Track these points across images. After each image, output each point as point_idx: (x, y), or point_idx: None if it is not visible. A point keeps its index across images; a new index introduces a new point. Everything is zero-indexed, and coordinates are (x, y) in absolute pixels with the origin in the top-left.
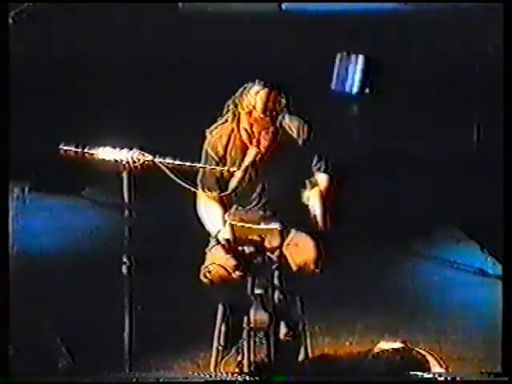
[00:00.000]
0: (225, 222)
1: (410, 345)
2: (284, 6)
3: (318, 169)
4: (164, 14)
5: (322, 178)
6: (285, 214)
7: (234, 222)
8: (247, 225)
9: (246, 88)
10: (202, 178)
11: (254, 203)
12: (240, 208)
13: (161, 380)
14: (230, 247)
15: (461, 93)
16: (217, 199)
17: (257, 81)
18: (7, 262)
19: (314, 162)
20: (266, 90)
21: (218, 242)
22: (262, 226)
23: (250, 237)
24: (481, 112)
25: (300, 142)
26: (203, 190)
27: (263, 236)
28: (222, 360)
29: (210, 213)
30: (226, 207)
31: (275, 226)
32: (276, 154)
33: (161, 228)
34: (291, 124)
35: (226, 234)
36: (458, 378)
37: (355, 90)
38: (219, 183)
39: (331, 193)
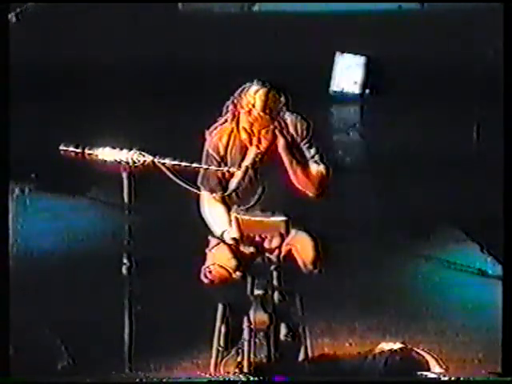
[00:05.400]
0: (230, 221)
1: (409, 345)
2: (284, 6)
3: (315, 161)
4: (164, 14)
5: (318, 169)
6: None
7: (239, 216)
8: (253, 218)
9: (244, 88)
10: (204, 178)
11: (254, 202)
12: (241, 207)
13: (162, 380)
14: (237, 247)
15: (461, 93)
16: (220, 200)
17: (255, 80)
18: (7, 262)
19: (312, 153)
20: (265, 88)
21: (224, 242)
22: (267, 218)
23: (256, 232)
24: (481, 112)
25: (299, 139)
26: (205, 190)
27: (263, 236)
28: (221, 360)
29: (214, 214)
30: (229, 207)
31: (280, 218)
32: (276, 154)
33: (161, 228)
34: (290, 121)
35: (232, 232)
36: (457, 379)
37: (355, 90)
38: (221, 183)
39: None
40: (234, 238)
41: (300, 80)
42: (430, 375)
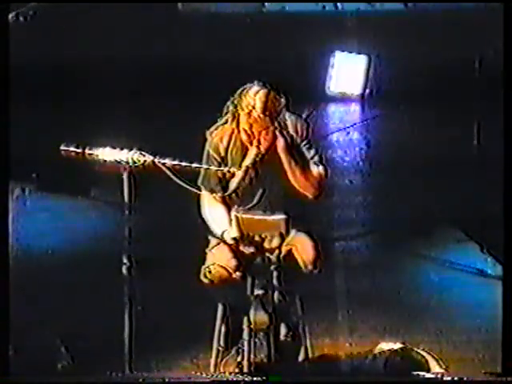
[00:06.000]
0: (230, 221)
1: (409, 345)
2: (284, 6)
3: (314, 162)
4: (164, 14)
5: (317, 171)
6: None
7: (239, 215)
8: (253, 217)
9: (244, 89)
10: (204, 179)
11: (256, 202)
12: (241, 207)
13: (161, 380)
14: (237, 246)
15: (461, 93)
16: (220, 200)
17: (255, 81)
18: (7, 262)
19: (311, 154)
20: (265, 90)
21: (224, 242)
22: (267, 217)
23: (256, 231)
24: (481, 112)
25: (298, 139)
26: (205, 190)
27: (263, 236)
28: (221, 360)
29: (214, 214)
30: (229, 207)
31: (280, 216)
32: (276, 154)
33: (161, 228)
34: (290, 121)
35: (232, 232)
36: (458, 379)
37: (355, 90)
38: (222, 184)
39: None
40: (234, 238)
41: (300, 80)
42: (430, 375)
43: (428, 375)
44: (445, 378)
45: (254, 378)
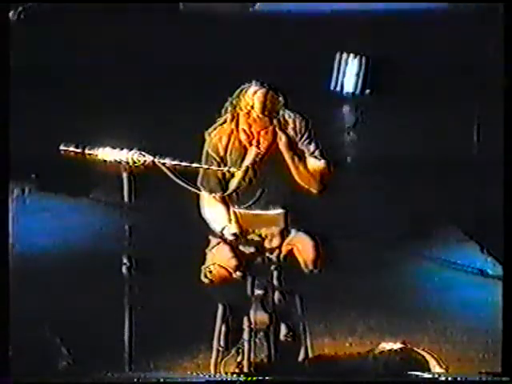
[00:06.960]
0: (230, 220)
1: (409, 345)
2: (284, 6)
3: (315, 157)
4: (164, 14)
5: (319, 165)
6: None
7: (237, 210)
8: (251, 212)
9: (243, 89)
10: (203, 179)
11: (253, 202)
12: (241, 206)
13: (161, 380)
14: (237, 246)
15: (461, 93)
16: (219, 200)
17: (254, 81)
18: (7, 262)
19: (311, 149)
20: (264, 89)
21: (224, 240)
22: (267, 211)
23: (255, 226)
24: (481, 112)
25: (298, 136)
26: (205, 191)
27: (263, 236)
28: (221, 360)
29: (214, 213)
30: (229, 206)
31: (278, 211)
32: (276, 153)
33: (161, 228)
34: (289, 119)
35: (232, 228)
36: (458, 379)
37: (356, 90)
38: (221, 184)
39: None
40: (234, 234)
41: (300, 80)
42: (430, 375)
43: (428, 375)
44: (445, 378)
45: (253, 378)
